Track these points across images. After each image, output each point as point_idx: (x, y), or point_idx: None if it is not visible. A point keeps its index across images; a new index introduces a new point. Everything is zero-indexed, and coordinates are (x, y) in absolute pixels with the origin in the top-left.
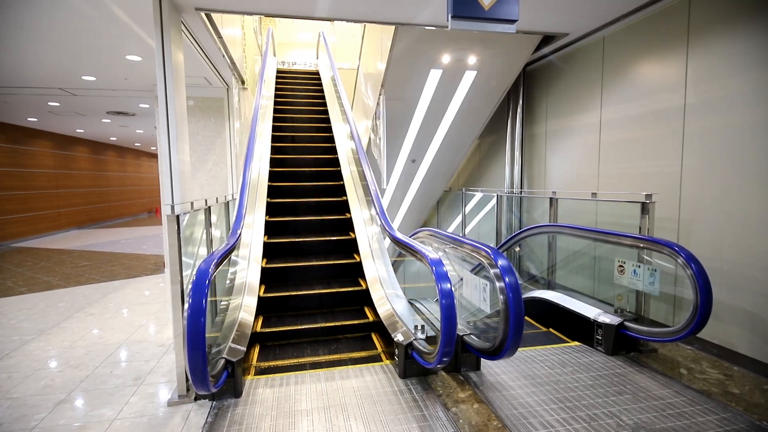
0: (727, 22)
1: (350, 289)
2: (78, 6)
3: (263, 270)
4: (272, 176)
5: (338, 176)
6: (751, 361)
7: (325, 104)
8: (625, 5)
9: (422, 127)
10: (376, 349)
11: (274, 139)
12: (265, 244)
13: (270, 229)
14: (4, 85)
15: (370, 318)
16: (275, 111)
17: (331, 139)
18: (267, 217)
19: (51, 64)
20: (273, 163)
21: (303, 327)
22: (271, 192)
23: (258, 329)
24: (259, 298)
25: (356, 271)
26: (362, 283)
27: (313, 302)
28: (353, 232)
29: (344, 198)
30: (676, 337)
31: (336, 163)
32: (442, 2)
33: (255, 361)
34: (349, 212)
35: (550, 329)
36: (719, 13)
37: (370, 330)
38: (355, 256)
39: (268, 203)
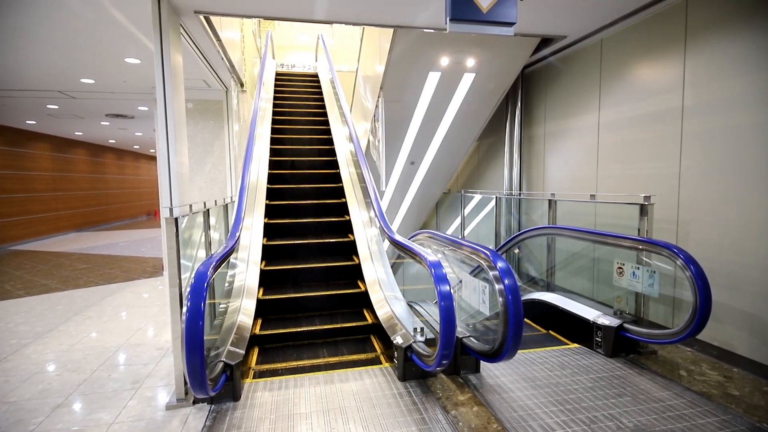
0: (724, 25)
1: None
2: (76, 9)
3: (264, 247)
4: (271, 178)
5: (337, 179)
6: (750, 363)
7: (324, 107)
8: (623, 8)
9: (421, 129)
10: (376, 351)
11: (272, 141)
12: (266, 224)
13: (270, 223)
14: (3, 87)
15: (362, 289)
16: (274, 113)
17: (330, 141)
18: (266, 214)
19: (50, 66)
20: (271, 165)
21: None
22: (270, 195)
23: (261, 296)
24: (262, 271)
25: (351, 249)
26: (355, 258)
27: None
28: (352, 234)
29: (343, 200)
30: (676, 339)
31: (335, 164)
32: (440, 5)
33: (258, 329)
34: (348, 215)
35: (550, 331)
36: (716, 16)
37: (363, 309)
38: (353, 249)
39: (267, 202)
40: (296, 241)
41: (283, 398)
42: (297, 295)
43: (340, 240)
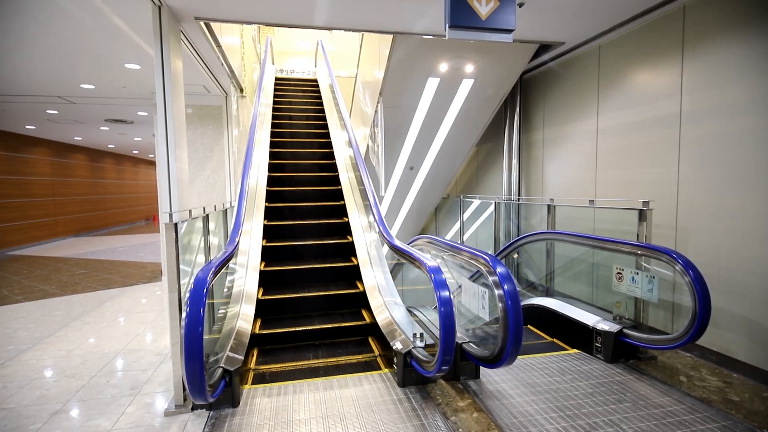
0: (721, 31)
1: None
2: (77, 15)
3: (266, 229)
4: (270, 182)
5: (336, 183)
6: (750, 369)
7: (323, 112)
8: (621, 15)
9: (420, 135)
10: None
11: (272, 146)
12: (265, 226)
13: (270, 225)
14: (2, 93)
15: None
16: (273, 118)
17: (329, 145)
18: (266, 217)
19: (50, 72)
20: (271, 169)
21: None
22: (270, 199)
23: (261, 296)
24: (264, 249)
25: (346, 232)
26: (353, 260)
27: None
28: (351, 235)
29: (342, 202)
30: (675, 345)
31: (334, 169)
32: (439, 12)
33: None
34: (349, 227)
35: (549, 337)
36: (714, 22)
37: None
38: (353, 259)
39: (266, 208)
40: (296, 243)
41: (282, 404)
42: (297, 267)
43: (340, 240)
